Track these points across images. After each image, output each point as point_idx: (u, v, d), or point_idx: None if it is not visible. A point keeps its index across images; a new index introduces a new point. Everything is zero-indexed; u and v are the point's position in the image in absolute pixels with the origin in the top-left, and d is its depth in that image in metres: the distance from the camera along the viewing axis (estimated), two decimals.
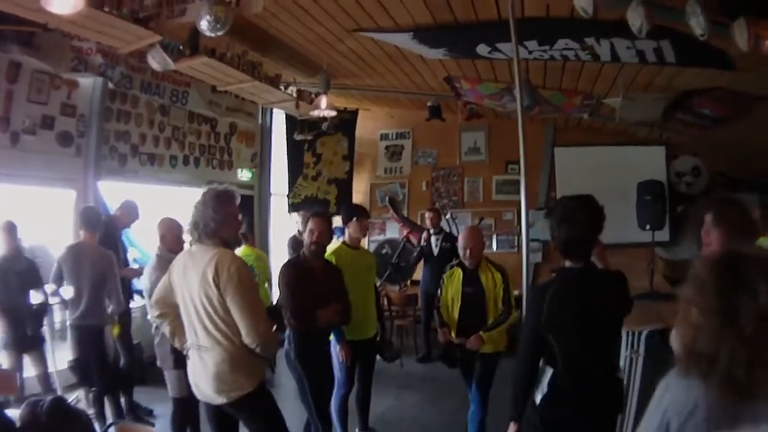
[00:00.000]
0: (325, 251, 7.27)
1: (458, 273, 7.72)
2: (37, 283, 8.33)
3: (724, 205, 4.64)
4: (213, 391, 5.10)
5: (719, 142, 13.04)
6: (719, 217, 4.44)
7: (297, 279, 6.89)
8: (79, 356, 8.23)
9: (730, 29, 5.84)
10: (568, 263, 4.72)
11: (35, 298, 8.20)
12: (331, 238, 7.35)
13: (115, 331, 8.68)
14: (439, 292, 7.86)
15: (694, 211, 5.12)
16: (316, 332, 6.92)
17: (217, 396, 5.10)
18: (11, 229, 8.03)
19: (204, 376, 5.14)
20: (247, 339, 4.96)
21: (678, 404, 2.54)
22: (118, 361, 8.79)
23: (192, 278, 4.94)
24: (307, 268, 7.03)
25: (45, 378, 8.39)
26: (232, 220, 5.23)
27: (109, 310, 8.33)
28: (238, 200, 5.40)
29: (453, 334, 7.51)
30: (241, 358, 5.03)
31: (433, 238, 12.59)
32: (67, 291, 8.20)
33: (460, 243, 7.72)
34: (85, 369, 8.21)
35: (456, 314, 7.58)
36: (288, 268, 7.14)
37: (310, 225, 7.16)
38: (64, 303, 8.44)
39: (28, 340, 8.12)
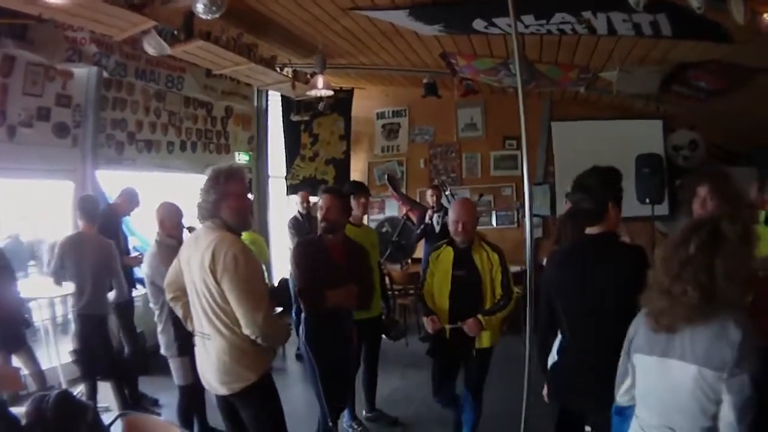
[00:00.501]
0: (336, 228, 6.86)
1: (447, 253, 6.92)
2: (14, 280, 8.28)
3: (719, 178, 4.97)
4: (217, 382, 5.01)
5: (716, 115, 13.05)
6: (716, 190, 4.79)
7: (306, 258, 6.69)
8: (83, 346, 8.15)
9: (727, 3, 5.86)
10: (587, 230, 4.74)
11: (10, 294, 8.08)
12: (345, 215, 7.04)
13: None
14: (421, 274, 7.41)
15: (686, 183, 5.13)
16: (326, 314, 6.58)
17: (221, 387, 5.01)
18: None
19: (208, 366, 5.05)
20: (246, 330, 4.77)
21: (632, 331, 3.75)
22: (121, 351, 8.77)
23: (194, 263, 4.85)
24: (320, 247, 6.78)
25: (38, 375, 8.40)
26: (230, 198, 4.94)
27: (113, 297, 8.37)
28: (245, 177, 5.21)
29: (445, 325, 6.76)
30: (243, 348, 4.87)
31: (435, 216, 12.52)
32: (69, 282, 8.20)
33: (451, 216, 6.94)
34: (88, 359, 8.15)
35: (446, 301, 6.83)
36: (298, 247, 6.95)
37: (320, 202, 6.94)
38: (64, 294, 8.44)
39: (11, 339, 8.01)
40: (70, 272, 8.16)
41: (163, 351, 7.03)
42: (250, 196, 5.22)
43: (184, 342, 6.55)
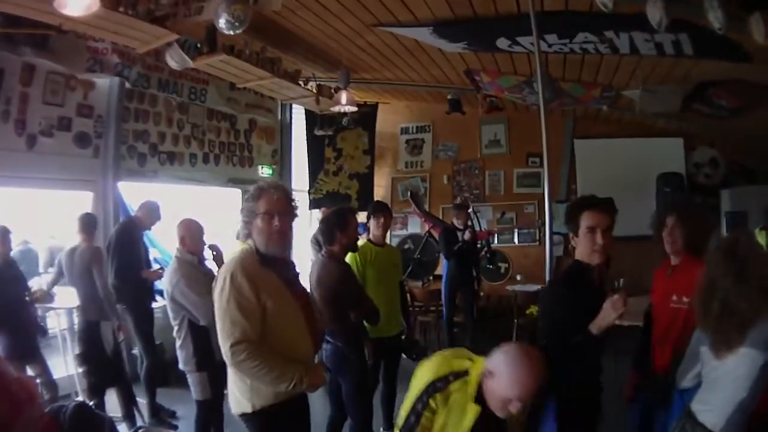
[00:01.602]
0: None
1: (471, 412, 4.24)
2: (25, 289, 8.36)
3: (684, 208, 5.48)
4: (229, 398, 4.91)
5: (736, 133, 13.06)
6: (681, 219, 5.24)
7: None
8: (80, 351, 8.32)
9: (747, 23, 5.86)
10: None
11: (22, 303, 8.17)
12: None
13: None
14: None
15: (656, 214, 5.57)
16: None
17: (230, 404, 4.88)
18: (4, 234, 7.97)
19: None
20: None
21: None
22: (119, 356, 8.71)
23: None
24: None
25: (50, 385, 8.32)
26: (258, 219, 4.61)
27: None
28: (278, 195, 4.70)
29: None
30: (239, 375, 4.66)
31: (466, 234, 12.32)
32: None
33: (509, 389, 4.08)
34: (83, 362, 8.32)
35: None
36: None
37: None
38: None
39: (24, 349, 8.01)
40: (65, 280, 8.31)
41: (181, 366, 6.96)
42: (296, 214, 4.93)
43: (203, 357, 6.61)
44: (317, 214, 12.80)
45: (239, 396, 4.70)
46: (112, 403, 8.42)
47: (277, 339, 4.58)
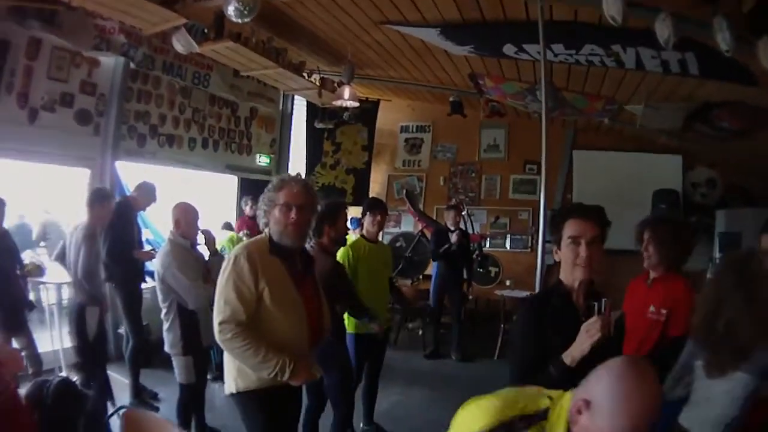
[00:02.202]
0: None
1: None
2: (17, 262, 8.46)
3: (657, 224, 5.56)
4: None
5: (736, 155, 13.06)
6: (653, 235, 5.36)
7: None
8: (69, 329, 8.28)
9: (755, 47, 5.86)
10: None
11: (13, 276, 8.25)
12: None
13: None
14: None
15: (637, 229, 5.66)
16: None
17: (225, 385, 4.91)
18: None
19: None
20: None
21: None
22: (101, 342, 8.64)
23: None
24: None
25: (34, 358, 8.35)
26: (276, 209, 4.75)
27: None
28: (300, 188, 4.83)
29: None
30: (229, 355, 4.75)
31: (453, 236, 12.42)
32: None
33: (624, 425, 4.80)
34: (73, 341, 8.25)
35: None
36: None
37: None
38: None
39: (12, 322, 8.07)
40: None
41: (167, 348, 6.98)
42: (315, 209, 4.97)
43: (190, 341, 6.64)
44: None
45: (228, 375, 4.78)
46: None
47: (270, 327, 4.62)
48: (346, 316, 7.33)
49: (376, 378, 8.21)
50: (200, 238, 7.20)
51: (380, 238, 8.16)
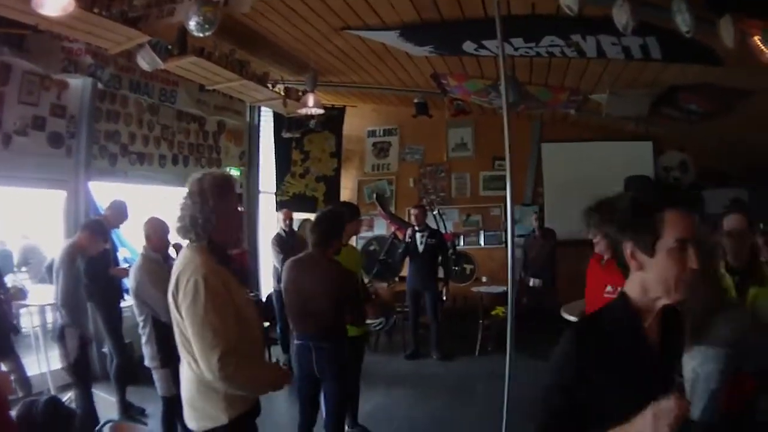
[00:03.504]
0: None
1: None
2: (2, 288, 8.47)
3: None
4: (187, 415, 4.41)
5: (707, 137, 13.15)
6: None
7: None
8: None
9: (716, 26, 5.91)
10: None
11: None
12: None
13: None
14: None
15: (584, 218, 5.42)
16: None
17: (189, 420, 4.38)
18: None
19: (183, 395, 4.46)
20: (203, 372, 4.05)
21: None
22: (81, 363, 8.64)
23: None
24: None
25: (23, 382, 8.38)
26: (219, 213, 4.20)
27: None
28: (235, 187, 4.55)
29: None
30: (212, 385, 4.13)
31: (418, 235, 12.61)
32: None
33: None
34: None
35: None
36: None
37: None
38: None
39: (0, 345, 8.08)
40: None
41: (146, 362, 7.06)
42: (240, 208, 4.84)
43: (167, 354, 6.59)
44: (280, 215, 12.69)
45: (211, 410, 4.24)
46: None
47: (245, 338, 4.23)
48: None
49: (357, 379, 8.24)
50: (172, 252, 7.26)
51: (353, 241, 8.16)
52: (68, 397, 8.27)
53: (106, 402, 8.77)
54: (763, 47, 6.01)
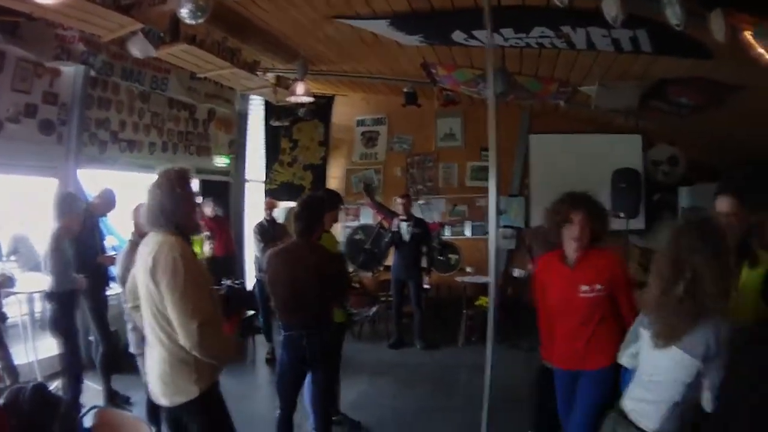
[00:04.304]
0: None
1: None
2: None
3: (592, 206, 5.61)
4: (159, 392, 4.83)
5: (697, 131, 13.15)
6: (590, 216, 5.43)
7: None
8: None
9: (707, 20, 5.90)
10: None
11: None
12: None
13: None
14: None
15: (556, 207, 5.69)
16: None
17: (163, 398, 4.82)
18: None
19: (152, 375, 4.89)
20: (181, 339, 4.55)
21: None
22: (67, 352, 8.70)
23: (140, 269, 4.79)
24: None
25: (11, 370, 8.31)
26: (183, 202, 4.90)
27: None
28: (193, 181, 5.15)
29: None
30: (185, 359, 4.65)
31: (404, 225, 12.69)
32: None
33: None
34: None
35: None
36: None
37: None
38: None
39: None
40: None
41: (132, 349, 7.19)
42: (198, 199, 5.11)
43: None
44: (263, 204, 12.71)
45: (183, 383, 4.70)
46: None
47: (213, 316, 4.72)
48: None
49: (336, 369, 8.10)
50: None
51: (339, 230, 8.16)
52: (55, 385, 8.31)
53: (91, 390, 8.87)
54: (754, 43, 6.03)
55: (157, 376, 4.76)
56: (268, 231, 11.63)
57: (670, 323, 3.90)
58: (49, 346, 9.03)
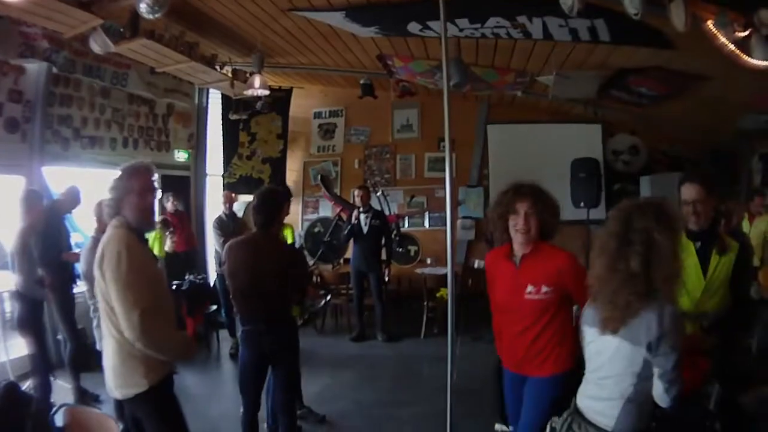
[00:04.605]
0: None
1: None
2: None
3: (539, 195, 5.12)
4: (111, 384, 4.84)
5: (659, 121, 13.31)
6: (537, 206, 4.98)
7: None
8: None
9: (667, 9, 5.99)
10: None
11: None
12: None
13: None
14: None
15: (499, 197, 5.24)
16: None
17: (114, 389, 4.83)
18: None
19: (105, 367, 4.88)
20: (124, 331, 4.56)
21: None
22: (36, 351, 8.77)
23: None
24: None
25: None
26: (131, 196, 4.86)
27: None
28: (149, 174, 5.07)
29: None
30: (132, 352, 4.66)
31: (362, 216, 12.68)
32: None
33: None
34: None
35: None
36: None
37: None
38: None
39: None
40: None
41: (98, 346, 7.05)
42: (158, 194, 5.09)
43: None
44: (221, 198, 12.68)
45: (131, 376, 4.72)
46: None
47: (160, 307, 4.74)
48: None
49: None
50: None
51: (299, 223, 8.15)
52: (27, 385, 8.36)
53: (61, 388, 8.90)
54: (716, 32, 6.11)
55: (110, 369, 4.80)
56: (227, 225, 11.64)
57: (614, 302, 3.78)
58: (21, 346, 9.05)
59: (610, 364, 3.86)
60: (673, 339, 3.61)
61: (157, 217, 7.39)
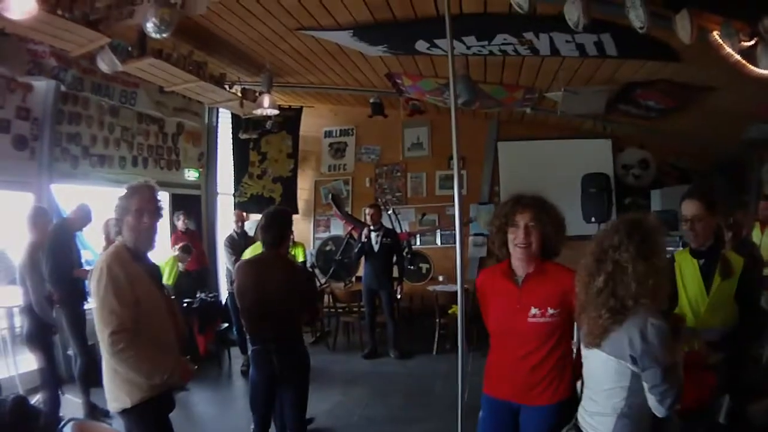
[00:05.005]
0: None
1: None
2: None
3: (541, 206, 4.73)
4: (107, 397, 4.87)
5: (668, 134, 13.28)
6: (539, 218, 4.58)
7: None
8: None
9: (672, 22, 5.97)
10: None
11: None
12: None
13: None
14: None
15: (498, 210, 4.78)
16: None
17: (108, 402, 4.87)
18: None
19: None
20: (102, 348, 4.62)
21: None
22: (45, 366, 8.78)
23: None
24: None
25: None
26: (128, 215, 4.85)
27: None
28: (148, 194, 5.03)
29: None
30: (114, 368, 4.68)
31: (373, 235, 12.63)
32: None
33: None
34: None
35: None
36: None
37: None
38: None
39: None
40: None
41: None
42: (160, 214, 5.04)
43: None
44: (233, 217, 12.67)
45: (117, 391, 4.74)
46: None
47: (147, 331, 4.69)
48: None
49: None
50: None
51: (311, 242, 8.15)
52: (36, 399, 8.36)
53: (71, 403, 8.92)
54: (722, 42, 6.12)
55: (105, 381, 4.83)
56: (238, 243, 11.58)
57: (593, 318, 3.76)
58: (30, 361, 9.04)
59: (601, 378, 3.84)
60: (659, 353, 3.52)
61: (178, 244, 7.38)
